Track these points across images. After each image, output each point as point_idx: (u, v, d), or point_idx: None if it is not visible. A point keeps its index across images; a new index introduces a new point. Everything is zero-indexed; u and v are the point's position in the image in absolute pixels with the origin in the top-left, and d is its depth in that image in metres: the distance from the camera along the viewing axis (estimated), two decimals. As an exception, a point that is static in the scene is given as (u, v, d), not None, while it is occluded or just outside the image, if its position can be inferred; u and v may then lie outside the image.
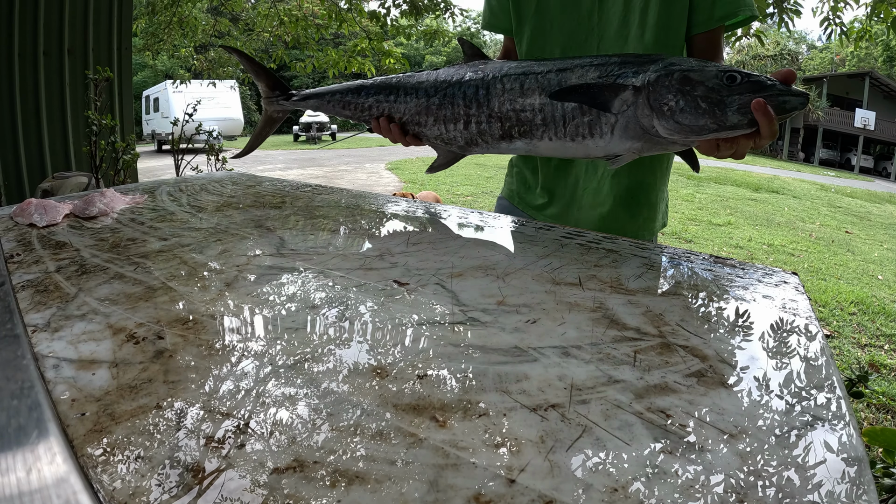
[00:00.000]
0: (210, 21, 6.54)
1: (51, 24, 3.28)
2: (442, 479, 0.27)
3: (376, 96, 0.89)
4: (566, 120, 0.74)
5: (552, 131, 0.75)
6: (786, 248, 5.43)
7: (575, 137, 0.73)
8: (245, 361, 0.39)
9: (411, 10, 4.96)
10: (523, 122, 0.77)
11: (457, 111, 0.82)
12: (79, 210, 0.82)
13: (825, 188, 11.50)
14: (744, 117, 0.61)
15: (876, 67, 24.33)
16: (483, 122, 0.80)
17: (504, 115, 0.78)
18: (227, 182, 1.13)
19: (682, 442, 0.30)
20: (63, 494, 0.26)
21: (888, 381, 2.63)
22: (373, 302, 0.49)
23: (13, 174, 3.26)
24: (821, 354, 0.42)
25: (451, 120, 0.83)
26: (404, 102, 0.87)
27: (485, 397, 0.34)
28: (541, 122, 0.75)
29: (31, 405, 0.33)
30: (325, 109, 0.96)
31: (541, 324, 0.45)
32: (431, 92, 0.85)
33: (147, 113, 18.12)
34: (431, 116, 0.84)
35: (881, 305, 3.81)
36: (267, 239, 0.69)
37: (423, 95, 0.86)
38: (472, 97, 0.82)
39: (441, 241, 0.67)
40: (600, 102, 0.70)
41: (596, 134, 0.72)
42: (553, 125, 0.75)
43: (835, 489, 0.27)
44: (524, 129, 0.77)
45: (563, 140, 0.74)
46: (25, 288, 0.52)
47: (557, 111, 0.74)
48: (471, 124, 0.81)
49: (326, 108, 0.95)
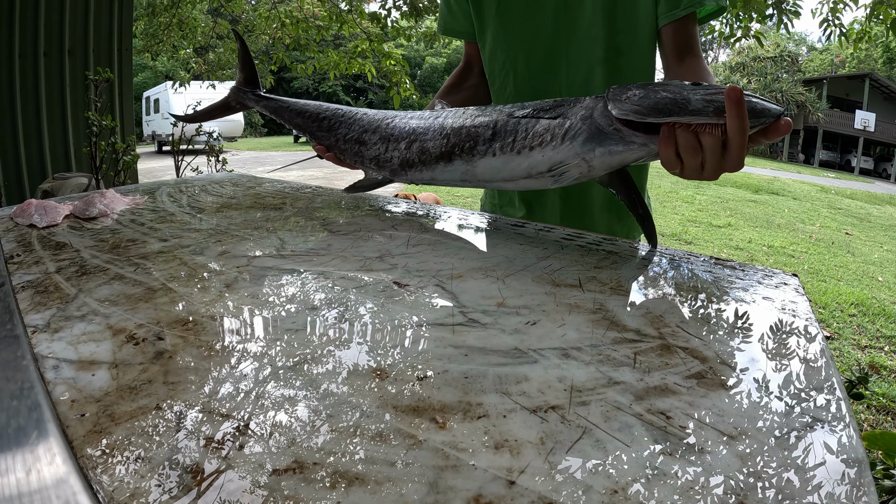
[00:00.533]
0: (209, 23, 6.54)
1: (51, 24, 3.28)
2: (442, 480, 0.27)
3: (323, 121, 0.91)
4: (517, 130, 0.68)
5: (498, 144, 0.69)
6: (786, 249, 5.43)
7: (522, 150, 0.67)
8: (245, 362, 0.39)
9: (411, 11, 4.97)
10: (471, 136, 0.72)
11: (401, 131, 0.81)
12: (79, 211, 0.82)
13: (825, 190, 11.51)
14: (708, 105, 0.55)
15: (876, 69, 24.35)
16: (427, 140, 0.76)
17: (451, 129, 0.74)
18: (227, 183, 1.13)
19: (682, 443, 0.30)
20: (63, 495, 0.26)
21: (888, 383, 2.63)
22: (373, 303, 0.49)
23: (13, 175, 3.26)
24: (821, 356, 0.42)
25: (393, 139, 0.81)
26: (347, 126, 0.88)
27: (485, 399, 0.34)
28: (490, 136, 0.70)
29: (31, 406, 0.33)
30: (278, 116, 1.00)
31: (541, 325, 0.45)
32: (378, 119, 0.86)
33: (147, 114, 18.13)
34: (377, 135, 0.83)
35: (881, 307, 3.81)
36: (267, 240, 0.69)
37: (367, 121, 0.86)
38: (419, 118, 0.81)
39: (441, 243, 0.67)
40: (561, 112, 0.66)
41: (545, 142, 0.65)
42: (501, 137, 0.69)
43: (835, 491, 0.27)
44: (468, 146, 0.71)
45: (509, 154, 0.68)
46: (25, 289, 0.52)
47: (509, 124, 0.69)
48: (414, 143, 0.78)
49: (280, 115, 0.99)
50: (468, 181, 0.74)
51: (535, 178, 0.67)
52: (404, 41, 5.81)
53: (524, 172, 0.67)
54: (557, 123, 0.65)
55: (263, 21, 5.87)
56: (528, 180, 0.68)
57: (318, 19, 5.71)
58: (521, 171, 0.67)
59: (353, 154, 0.86)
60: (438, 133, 0.76)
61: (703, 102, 0.55)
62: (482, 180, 0.72)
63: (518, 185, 0.70)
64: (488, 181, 0.72)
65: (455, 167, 0.73)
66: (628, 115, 0.58)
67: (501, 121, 0.70)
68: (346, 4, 5.49)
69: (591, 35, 0.95)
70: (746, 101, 0.53)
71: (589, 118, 0.62)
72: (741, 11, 3.97)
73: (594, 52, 0.95)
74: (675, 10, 0.89)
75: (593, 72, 0.97)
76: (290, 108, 0.97)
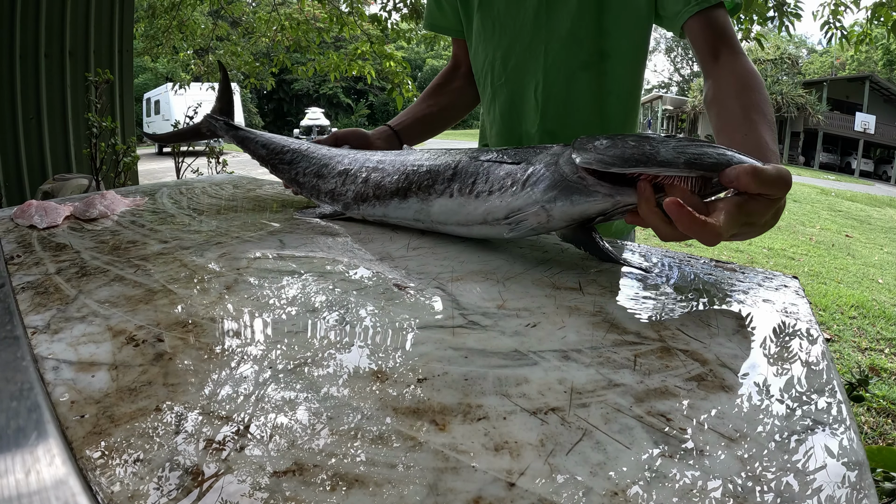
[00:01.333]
0: (209, 25, 6.56)
1: (52, 25, 3.29)
2: (442, 482, 0.27)
3: (285, 154, 0.92)
4: (478, 173, 0.65)
5: (457, 185, 0.66)
6: (786, 251, 5.43)
7: (480, 193, 0.63)
8: (245, 365, 0.39)
9: (412, 14, 4.98)
10: (430, 175, 0.69)
11: (360, 166, 0.80)
12: (79, 212, 0.82)
13: (825, 192, 11.51)
14: (679, 156, 0.49)
15: (876, 71, 24.37)
16: (385, 175, 0.75)
17: (411, 167, 0.72)
18: (227, 185, 1.13)
19: (682, 446, 0.30)
20: (62, 497, 0.26)
21: (888, 385, 2.63)
22: (373, 305, 0.49)
23: (14, 176, 3.27)
24: (821, 358, 0.42)
25: (351, 174, 0.80)
26: (307, 161, 0.88)
27: (485, 400, 0.34)
28: (450, 176, 0.67)
29: (31, 407, 0.33)
30: (244, 146, 1.01)
31: (541, 327, 0.45)
32: (339, 154, 0.85)
33: (148, 115, 18.16)
34: (335, 169, 0.83)
35: (881, 309, 3.81)
36: (267, 242, 0.69)
37: (328, 156, 0.86)
38: (382, 155, 0.80)
39: (441, 246, 0.67)
40: (526, 158, 0.63)
41: (505, 187, 0.61)
42: (461, 178, 0.66)
43: (835, 493, 0.27)
44: (426, 184, 0.69)
45: (466, 197, 0.64)
46: (25, 290, 0.52)
47: (472, 166, 0.66)
48: (371, 177, 0.77)
49: (245, 145, 1.00)
50: (421, 220, 0.70)
51: (490, 224, 0.63)
52: (405, 43, 5.82)
53: (480, 218, 0.63)
54: (520, 168, 0.61)
55: (263, 24, 5.88)
56: (484, 226, 0.64)
57: (319, 21, 5.72)
58: (476, 216, 0.64)
59: (311, 188, 0.86)
60: (398, 170, 0.74)
61: (674, 153, 0.50)
62: (436, 221, 0.69)
63: (472, 232, 0.66)
64: (442, 223, 0.68)
65: (409, 205, 0.71)
66: (591, 164, 0.53)
67: (464, 162, 0.67)
68: (347, 6, 5.50)
69: (575, 36, 0.89)
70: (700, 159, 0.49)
71: (553, 164, 0.59)
72: (742, 14, 3.98)
73: (577, 54, 0.89)
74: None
75: (574, 77, 0.91)
76: (255, 140, 0.98)
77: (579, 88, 0.92)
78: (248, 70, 5.98)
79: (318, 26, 5.67)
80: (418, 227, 0.73)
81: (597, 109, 0.94)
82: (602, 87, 0.92)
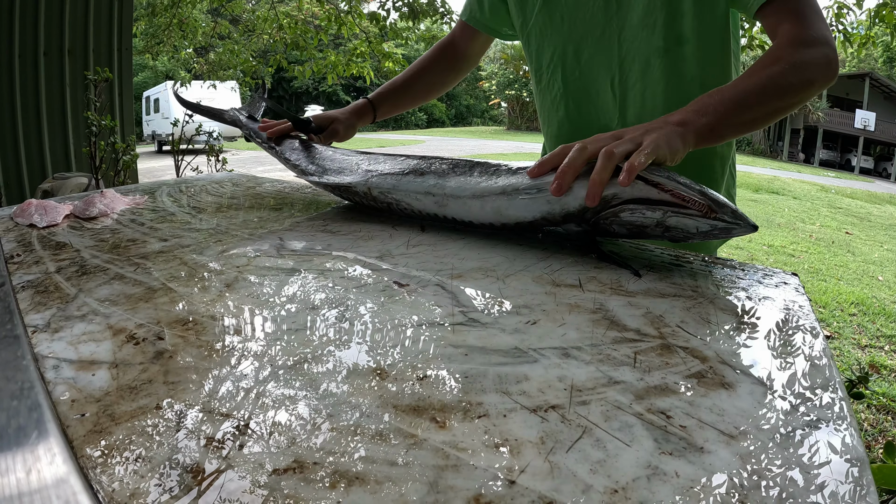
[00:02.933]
0: (210, 24, 6.54)
1: (51, 24, 3.28)
2: (442, 480, 0.27)
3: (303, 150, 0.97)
4: (500, 164, 0.69)
5: (478, 169, 0.70)
6: (786, 248, 5.43)
7: (502, 174, 0.67)
8: (245, 362, 0.39)
9: (410, 13, 4.97)
10: (451, 162, 0.74)
11: (375, 159, 0.83)
12: (79, 211, 0.82)
13: (825, 189, 11.51)
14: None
15: (876, 68, 24.34)
16: (404, 163, 0.78)
17: (430, 159, 0.76)
18: (227, 183, 1.13)
19: (682, 443, 0.30)
20: (63, 495, 0.26)
21: (888, 382, 2.63)
22: (373, 303, 0.49)
23: (13, 175, 3.27)
24: (821, 355, 0.42)
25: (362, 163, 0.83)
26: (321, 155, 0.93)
27: (485, 398, 0.34)
28: (472, 164, 0.71)
29: (31, 406, 0.33)
30: (258, 139, 1.07)
31: (541, 325, 0.45)
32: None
33: (147, 114, 18.14)
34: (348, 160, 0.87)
35: (881, 306, 3.81)
36: (267, 240, 0.69)
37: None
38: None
39: (441, 243, 0.67)
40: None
41: (530, 170, 0.65)
42: (482, 166, 0.70)
43: (836, 490, 0.27)
44: (445, 167, 0.73)
45: (487, 175, 0.68)
46: (25, 288, 0.52)
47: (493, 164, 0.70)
48: (387, 164, 0.80)
49: (259, 138, 1.07)
50: (433, 194, 0.72)
51: (509, 195, 0.65)
52: (403, 41, 5.82)
53: (499, 189, 0.66)
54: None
55: (262, 22, 5.88)
56: (501, 197, 0.66)
57: (318, 19, 5.71)
58: (495, 188, 0.66)
59: (319, 169, 0.88)
60: (417, 160, 0.78)
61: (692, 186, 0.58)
62: (450, 195, 0.70)
63: (485, 207, 0.67)
64: (456, 196, 0.70)
65: (425, 179, 0.73)
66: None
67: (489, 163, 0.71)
68: (346, 4, 5.49)
69: (647, 22, 0.86)
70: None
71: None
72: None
73: (651, 41, 0.87)
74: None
75: (650, 65, 0.88)
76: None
77: (655, 77, 0.89)
78: (245, 69, 5.98)
79: (317, 24, 5.66)
80: (426, 205, 0.73)
81: (679, 97, 0.88)
82: (682, 74, 0.88)
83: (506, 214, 0.66)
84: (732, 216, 0.55)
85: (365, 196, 0.80)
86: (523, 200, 0.64)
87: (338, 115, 1.08)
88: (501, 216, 0.67)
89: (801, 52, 0.71)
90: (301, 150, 0.96)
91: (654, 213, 0.58)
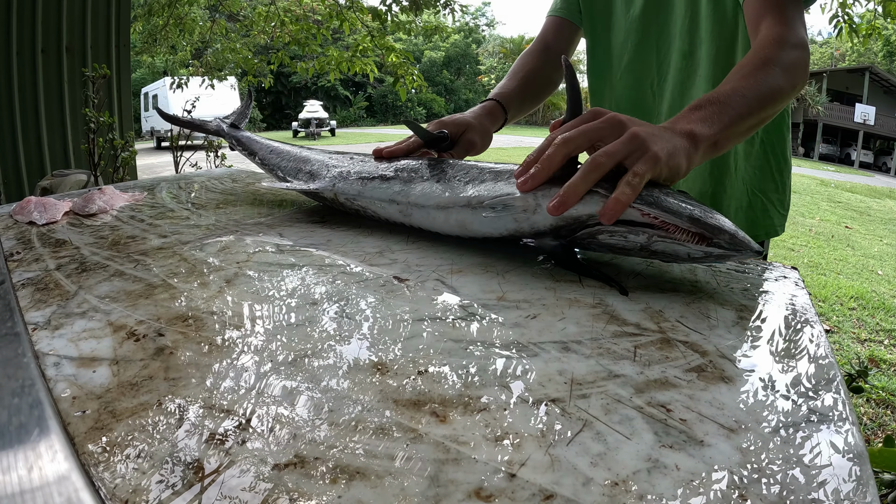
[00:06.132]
0: (207, 23, 6.51)
1: (49, 21, 3.27)
2: (443, 473, 0.27)
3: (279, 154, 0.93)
4: (471, 167, 0.65)
5: (449, 173, 0.65)
6: (785, 243, 5.43)
7: (472, 181, 0.62)
8: (245, 358, 0.39)
9: (412, 6, 4.94)
10: (421, 163, 0.70)
11: (348, 160, 0.80)
12: (78, 208, 0.81)
13: (825, 183, 11.50)
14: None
15: (876, 62, 24.28)
16: (373, 166, 0.74)
17: (402, 162, 0.72)
18: (226, 179, 1.13)
19: (682, 436, 0.30)
20: (64, 492, 0.26)
21: (888, 377, 2.64)
22: (373, 298, 0.49)
23: (12, 172, 3.26)
24: (820, 349, 0.42)
25: (333, 164, 0.80)
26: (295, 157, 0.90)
27: (485, 392, 0.34)
28: (443, 168, 0.67)
29: (32, 403, 0.33)
30: (240, 146, 1.03)
31: (541, 319, 0.45)
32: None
33: (146, 110, 18.10)
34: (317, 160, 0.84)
35: (881, 300, 3.82)
36: (266, 235, 0.69)
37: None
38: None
39: (441, 238, 0.67)
40: None
41: (500, 177, 0.60)
42: (453, 168, 0.66)
43: (835, 484, 0.27)
44: (413, 167, 0.69)
45: (454, 182, 0.64)
46: (25, 286, 0.52)
47: (465, 165, 0.66)
48: (356, 166, 0.76)
49: (241, 146, 1.02)
50: (397, 202, 0.67)
51: (473, 208, 0.60)
52: (403, 35, 5.79)
53: (463, 200, 0.61)
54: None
55: (262, 19, 5.84)
56: (465, 210, 0.61)
57: (318, 14, 5.68)
58: (460, 199, 0.61)
59: (292, 171, 0.85)
60: (387, 164, 0.74)
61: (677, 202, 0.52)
62: (414, 204, 0.66)
63: (449, 219, 0.63)
64: (420, 206, 0.65)
65: (390, 185, 0.69)
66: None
67: (460, 163, 0.68)
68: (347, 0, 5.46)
69: (675, 25, 0.90)
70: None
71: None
72: None
73: (677, 45, 0.90)
74: None
75: (678, 68, 0.92)
76: (253, 141, 1.01)
77: (682, 79, 0.91)
78: (246, 67, 5.95)
79: (316, 18, 5.63)
80: (391, 213, 0.69)
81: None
82: (698, 75, 0.90)
83: (471, 229, 0.61)
84: (730, 243, 0.49)
85: (333, 202, 0.77)
86: (488, 218, 0.58)
87: (470, 121, 0.87)
88: (466, 230, 0.61)
89: (788, 54, 0.69)
90: (276, 152, 0.92)
91: (637, 236, 0.52)
